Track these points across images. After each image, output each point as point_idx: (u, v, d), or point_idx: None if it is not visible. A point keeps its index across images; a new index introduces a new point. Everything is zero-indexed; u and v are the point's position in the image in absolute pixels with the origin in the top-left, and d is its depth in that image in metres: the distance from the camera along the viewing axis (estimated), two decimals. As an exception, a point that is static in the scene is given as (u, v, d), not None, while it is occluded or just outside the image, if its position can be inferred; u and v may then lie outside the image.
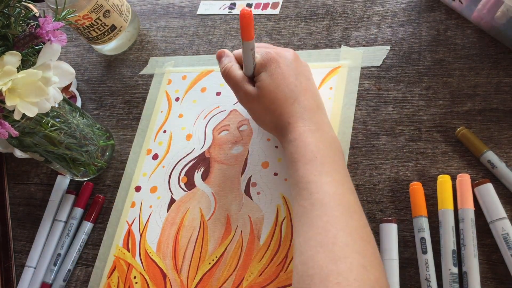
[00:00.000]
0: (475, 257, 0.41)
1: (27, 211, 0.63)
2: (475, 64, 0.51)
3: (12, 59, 0.43)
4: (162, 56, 0.67)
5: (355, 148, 0.51)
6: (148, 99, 0.64)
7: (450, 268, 0.42)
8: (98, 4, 0.61)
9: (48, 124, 0.52)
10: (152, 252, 0.54)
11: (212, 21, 0.67)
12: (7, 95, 0.42)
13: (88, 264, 0.57)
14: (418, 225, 0.44)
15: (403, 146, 0.50)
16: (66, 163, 0.57)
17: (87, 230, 0.58)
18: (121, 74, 0.68)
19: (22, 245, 0.61)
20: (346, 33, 0.58)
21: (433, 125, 0.49)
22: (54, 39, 0.45)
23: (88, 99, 0.68)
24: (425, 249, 0.43)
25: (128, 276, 0.54)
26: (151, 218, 0.56)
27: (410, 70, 0.53)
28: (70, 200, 0.60)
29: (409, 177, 0.48)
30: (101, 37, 0.66)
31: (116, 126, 0.64)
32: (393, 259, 0.44)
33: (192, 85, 0.63)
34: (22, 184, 0.66)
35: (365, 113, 0.53)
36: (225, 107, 0.59)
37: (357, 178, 0.50)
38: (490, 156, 0.45)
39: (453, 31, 0.53)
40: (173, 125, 0.61)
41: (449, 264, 0.42)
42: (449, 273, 0.42)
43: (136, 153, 0.61)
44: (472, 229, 0.42)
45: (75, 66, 0.72)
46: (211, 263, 0.51)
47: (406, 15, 0.56)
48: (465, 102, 0.49)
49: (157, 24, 0.71)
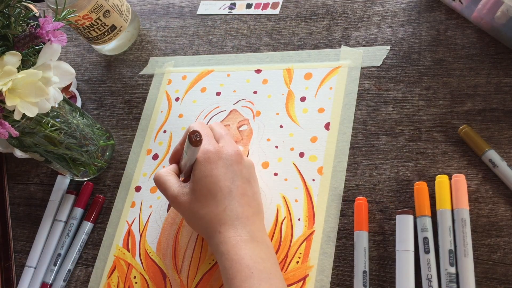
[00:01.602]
0: (465, 256, 0.41)
1: (27, 211, 0.63)
2: (475, 64, 0.51)
3: (12, 59, 0.43)
4: (162, 56, 0.67)
5: (355, 148, 0.51)
6: (148, 99, 0.64)
7: (446, 268, 0.42)
8: (98, 4, 0.61)
9: (48, 124, 0.52)
10: (152, 252, 0.54)
11: (212, 21, 0.67)
12: (7, 95, 0.42)
13: (88, 264, 0.57)
14: (422, 224, 0.44)
15: (403, 146, 0.50)
16: (66, 163, 0.57)
17: (87, 230, 0.58)
18: (121, 74, 0.68)
19: (22, 245, 0.61)
20: (346, 33, 0.58)
21: (433, 125, 0.49)
22: (54, 39, 0.45)
23: (88, 99, 0.68)
24: (428, 249, 0.43)
25: (128, 276, 0.54)
26: (151, 218, 0.56)
27: (410, 70, 0.53)
28: (70, 200, 0.60)
29: (409, 177, 0.48)
30: (101, 37, 0.66)
31: (116, 126, 0.64)
32: (409, 250, 0.44)
33: (192, 85, 0.63)
34: (22, 184, 0.66)
35: (365, 113, 0.53)
36: (225, 107, 0.59)
37: (357, 178, 0.50)
38: (492, 155, 0.45)
39: (453, 31, 0.53)
40: (173, 125, 0.61)
41: (446, 264, 0.42)
42: (446, 273, 0.42)
43: (136, 153, 0.61)
44: (464, 228, 0.42)
45: (75, 66, 0.72)
46: (211, 263, 0.51)
47: (406, 15, 0.56)
48: (465, 102, 0.49)
49: (157, 24, 0.71)
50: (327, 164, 0.51)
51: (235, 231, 0.44)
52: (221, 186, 0.45)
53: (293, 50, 0.60)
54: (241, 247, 0.43)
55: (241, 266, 0.42)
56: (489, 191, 0.45)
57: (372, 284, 0.45)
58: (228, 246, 0.43)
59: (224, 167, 0.46)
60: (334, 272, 0.46)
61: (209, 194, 0.45)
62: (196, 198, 0.46)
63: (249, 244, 0.43)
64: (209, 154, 0.46)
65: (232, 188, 0.45)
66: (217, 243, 0.44)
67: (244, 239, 0.43)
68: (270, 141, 0.55)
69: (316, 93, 0.56)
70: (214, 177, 0.45)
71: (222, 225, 0.44)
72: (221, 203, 0.45)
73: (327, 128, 0.53)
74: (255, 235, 0.44)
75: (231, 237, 0.43)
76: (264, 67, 0.60)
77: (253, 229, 0.45)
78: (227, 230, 0.44)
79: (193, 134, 0.42)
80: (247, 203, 0.46)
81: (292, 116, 0.56)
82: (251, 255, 0.42)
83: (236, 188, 0.46)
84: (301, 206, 0.50)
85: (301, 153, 0.53)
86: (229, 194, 0.45)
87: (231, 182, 0.46)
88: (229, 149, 0.47)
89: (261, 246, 0.44)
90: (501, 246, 0.42)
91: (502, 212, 0.44)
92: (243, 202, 0.46)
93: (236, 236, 0.43)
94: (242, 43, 0.63)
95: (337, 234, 0.48)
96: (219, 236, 0.44)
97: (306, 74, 0.57)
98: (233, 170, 0.46)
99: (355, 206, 0.48)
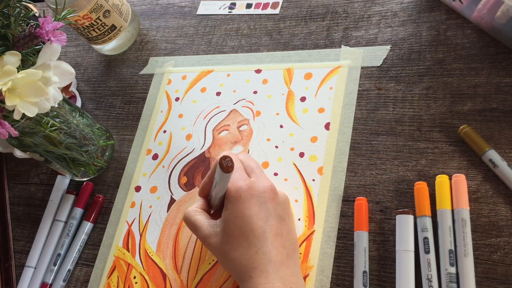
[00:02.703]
0: (466, 256, 0.41)
1: (27, 211, 0.63)
2: (475, 64, 0.51)
3: (12, 59, 0.43)
4: (162, 56, 0.67)
5: (355, 148, 0.51)
6: (148, 99, 0.64)
7: (447, 268, 0.42)
8: (98, 4, 0.61)
9: (48, 124, 0.52)
10: (152, 252, 0.54)
11: (212, 21, 0.67)
12: (7, 95, 0.42)
13: (88, 264, 0.56)
14: (422, 224, 0.44)
15: (403, 146, 0.50)
16: (66, 163, 0.57)
17: (87, 230, 0.58)
18: (121, 74, 0.68)
19: (22, 245, 0.61)
20: (346, 33, 0.58)
21: (433, 125, 0.49)
22: (54, 39, 0.45)
23: (88, 99, 0.68)
24: (428, 249, 0.43)
25: (128, 276, 0.54)
26: (151, 218, 0.56)
27: (410, 70, 0.53)
28: (70, 200, 0.60)
29: (409, 177, 0.48)
30: (101, 37, 0.66)
31: (116, 126, 0.64)
32: (410, 250, 0.43)
33: (192, 85, 0.63)
34: (22, 184, 0.66)
35: (365, 113, 0.53)
36: (225, 107, 0.59)
37: (357, 178, 0.50)
38: (492, 155, 0.45)
39: (453, 31, 0.53)
40: (173, 125, 0.61)
41: (446, 264, 0.42)
42: (446, 273, 0.42)
43: (136, 153, 0.61)
44: (464, 228, 0.42)
45: (75, 66, 0.72)
46: (211, 263, 0.51)
47: (406, 15, 0.56)
48: (465, 102, 0.49)
49: (157, 24, 0.71)
50: (327, 164, 0.51)
51: (266, 277, 0.41)
52: (253, 228, 0.42)
53: (293, 50, 0.60)
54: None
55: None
56: (489, 191, 0.45)
57: (372, 284, 0.45)
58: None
59: (257, 206, 0.43)
60: (334, 272, 0.46)
61: (241, 236, 0.42)
62: (227, 239, 0.43)
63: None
64: (241, 192, 0.43)
65: (266, 229, 0.42)
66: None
67: (276, 287, 0.40)
68: (270, 141, 0.55)
69: (316, 93, 0.56)
70: (247, 217, 0.42)
71: (253, 269, 0.41)
72: (253, 245, 0.42)
73: (327, 128, 0.53)
74: (288, 281, 0.41)
75: (262, 284, 0.40)
76: (264, 67, 0.60)
77: (287, 273, 0.42)
78: (259, 276, 0.41)
79: (224, 159, 0.40)
80: (281, 245, 0.43)
81: (292, 116, 0.56)
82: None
83: (270, 229, 0.43)
84: (301, 206, 0.50)
85: (301, 153, 0.53)
86: (262, 235, 0.42)
87: (264, 221, 0.43)
88: (261, 185, 0.44)
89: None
90: (501, 246, 0.42)
91: (502, 212, 0.44)
92: (277, 244, 0.43)
93: (268, 283, 0.40)
94: (242, 43, 0.63)
95: (337, 234, 0.48)
96: (249, 282, 0.41)
97: (306, 74, 0.57)
98: (267, 208, 0.43)
99: (355, 206, 0.48)
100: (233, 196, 0.44)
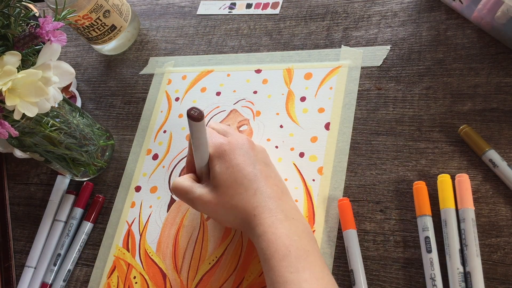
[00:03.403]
0: (477, 256, 0.41)
1: (27, 211, 0.63)
2: (475, 64, 0.51)
3: (12, 59, 0.43)
4: (162, 56, 0.67)
5: (355, 148, 0.51)
6: (148, 99, 0.64)
7: (458, 268, 0.41)
8: (98, 4, 0.61)
9: (48, 124, 0.52)
10: (152, 252, 0.54)
11: (212, 21, 0.67)
12: (7, 95, 0.42)
13: (88, 264, 0.56)
14: (422, 224, 0.44)
15: (403, 146, 0.50)
16: (66, 163, 0.57)
17: (87, 230, 0.58)
18: (121, 74, 0.68)
19: (22, 245, 0.61)
20: (346, 33, 0.58)
21: (433, 125, 0.49)
22: (54, 39, 0.45)
23: (88, 99, 0.68)
24: (430, 248, 0.43)
25: (128, 276, 0.54)
26: (151, 218, 0.56)
27: (410, 70, 0.53)
28: (70, 200, 0.60)
29: (409, 177, 0.48)
30: (101, 37, 0.66)
31: (116, 126, 0.64)
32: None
33: (192, 85, 0.63)
34: (22, 184, 0.66)
35: (365, 113, 0.53)
36: (225, 107, 0.59)
37: (357, 178, 0.50)
38: (492, 155, 0.45)
39: (453, 31, 0.53)
40: (173, 125, 0.61)
41: (457, 263, 0.42)
42: (458, 272, 0.41)
43: (136, 153, 0.61)
44: (473, 228, 0.42)
45: (75, 66, 0.72)
46: (211, 263, 0.51)
47: (406, 15, 0.56)
48: (465, 102, 0.49)
49: (157, 24, 0.71)
50: (327, 164, 0.51)
51: (269, 211, 0.43)
52: (245, 174, 0.45)
53: (293, 50, 0.60)
54: (277, 226, 0.42)
55: (278, 246, 0.41)
56: (489, 191, 0.45)
57: (372, 284, 0.45)
58: (264, 227, 0.42)
59: (241, 155, 0.46)
60: (334, 272, 0.46)
61: (235, 183, 0.45)
62: (223, 191, 0.45)
63: (284, 222, 0.43)
64: (224, 147, 0.46)
65: (256, 173, 0.45)
66: (253, 227, 0.43)
67: (279, 218, 0.43)
68: (270, 141, 0.55)
69: (316, 93, 0.56)
70: (236, 166, 0.45)
71: (255, 208, 0.44)
72: (250, 188, 0.44)
73: (327, 128, 0.53)
74: (289, 213, 0.44)
75: (266, 218, 0.43)
76: (264, 67, 0.60)
77: (287, 207, 0.44)
78: (262, 212, 0.43)
79: (191, 110, 0.40)
80: (274, 184, 0.46)
81: (292, 116, 0.56)
82: (288, 233, 0.42)
83: (260, 172, 0.46)
84: (301, 206, 0.50)
85: (301, 153, 0.53)
86: (255, 178, 0.45)
87: (253, 167, 0.46)
88: (239, 139, 0.48)
89: (297, 224, 0.43)
90: (501, 246, 0.42)
91: (502, 212, 0.44)
92: (270, 183, 0.45)
93: (271, 216, 0.43)
94: (242, 43, 0.63)
95: (337, 234, 0.48)
96: (254, 220, 0.43)
97: (306, 74, 0.57)
98: (250, 156, 0.46)
99: (338, 207, 0.48)
100: (217, 152, 0.46)
